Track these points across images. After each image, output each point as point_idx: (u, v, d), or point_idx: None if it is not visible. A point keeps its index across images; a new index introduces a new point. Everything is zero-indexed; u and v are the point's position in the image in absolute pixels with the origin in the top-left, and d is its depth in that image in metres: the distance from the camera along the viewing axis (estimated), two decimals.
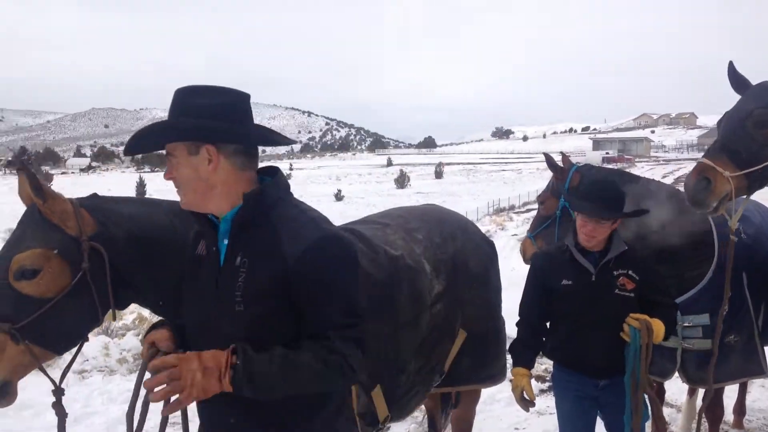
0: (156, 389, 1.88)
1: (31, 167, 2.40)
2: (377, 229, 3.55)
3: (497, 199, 38.40)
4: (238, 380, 1.92)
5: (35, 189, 2.33)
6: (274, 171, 2.23)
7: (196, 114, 2.03)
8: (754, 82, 3.52)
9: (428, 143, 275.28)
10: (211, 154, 2.04)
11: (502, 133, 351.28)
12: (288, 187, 2.20)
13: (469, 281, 3.74)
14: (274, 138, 2.19)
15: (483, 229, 23.28)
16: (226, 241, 2.11)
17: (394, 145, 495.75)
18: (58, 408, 2.40)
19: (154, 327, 2.30)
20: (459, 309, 3.68)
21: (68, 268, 2.34)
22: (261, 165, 2.25)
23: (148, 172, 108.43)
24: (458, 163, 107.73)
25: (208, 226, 2.17)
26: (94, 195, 2.64)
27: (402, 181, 58.02)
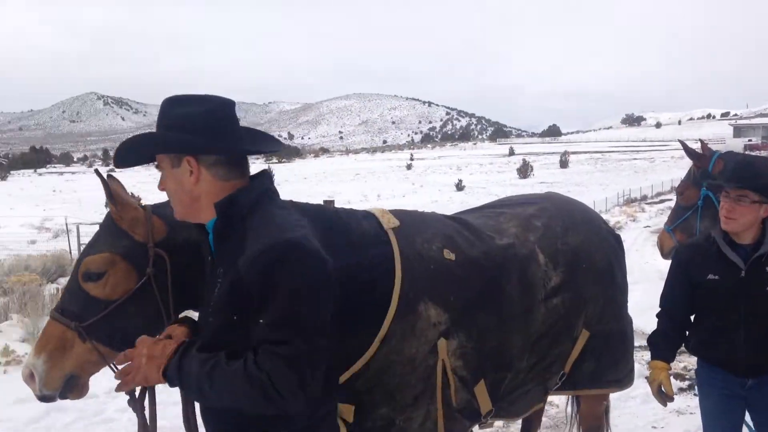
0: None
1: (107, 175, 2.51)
2: (489, 216, 3.42)
3: (628, 189, 36.80)
4: (169, 373, 1.94)
5: (108, 195, 2.39)
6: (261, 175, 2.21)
7: (178, 125, 2.01)
8: None
9: (553, 131, 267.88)
10: (191, 166, 2.02)
11: (632, 120, 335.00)
12: (267, 191, 2.14)
13: (592, 277, 3.48)
14: (257, 147, 2.16)
15: (612, 221, 22.48)
16: None
17: (517, 134, 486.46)
18: (140, 414, 2.40)
19: (176, 322, 2.34)
20: (581, 306, 3.42)
21: (134, 272, 2.38)
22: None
23: (276, 163, 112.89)
24: (585, 152, 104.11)
25: (205, 236, 2.17)
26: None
27: (524, 170, 56.86)
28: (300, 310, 1.89)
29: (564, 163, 71.00)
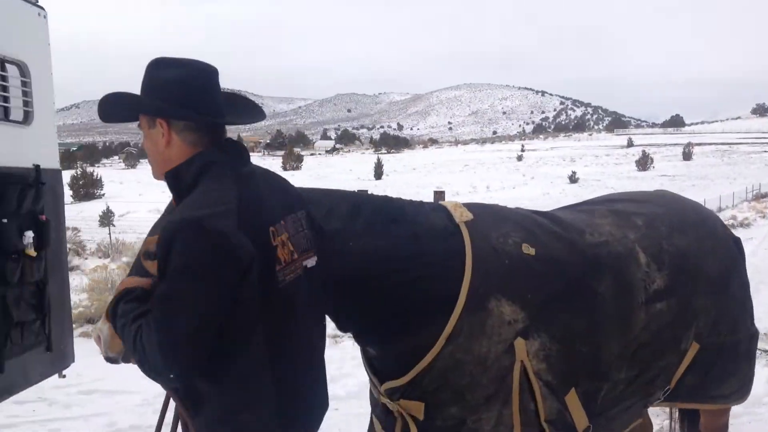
0: None
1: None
2: (584, 212, 3.24)
3: (757, 184, 34.42)
4: (110, 317, 2.04)
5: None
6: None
7: (156, 87, 2.02)
8: None
9: (675, 122, 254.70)
10: (163, 128, 2.04)
11: (764, 110, 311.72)
12: (210, 163, 2.03)
13: (704, 283, 3.16)
14: (232, 118, 2.13)
15: (740, 217, 21.44)
16: None
17: (636, 124, 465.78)
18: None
19: None
20: (690, 315, 3.12)
21: None
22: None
23: (385, 153, 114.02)
24: (710, 144, 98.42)
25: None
26: None
27: (644, 162, 54.57)
28: (180, 289, 1.86)
29: (687, 155, 67.47)
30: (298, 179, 2.93)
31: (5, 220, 4.30)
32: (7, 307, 4.43)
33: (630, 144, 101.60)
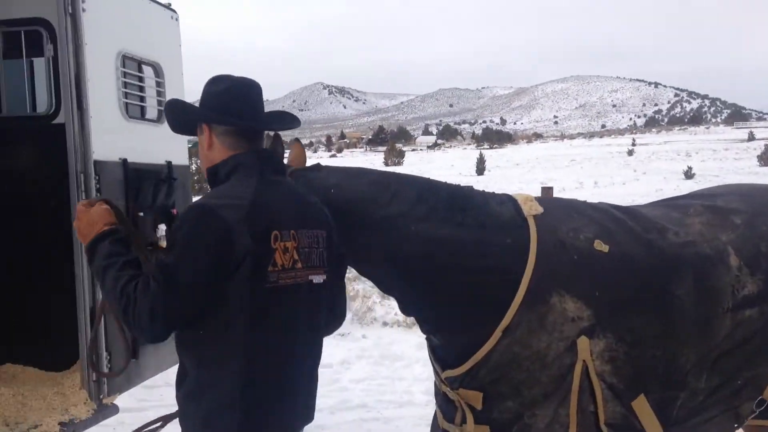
0: None
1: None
2: (677, 208, 3.03)
3: None
4: (86, 250, 2.26)
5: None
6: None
7: (204, 99, 2.34)
8: None
9: None
10: (205, 133, 2.32)
11: None
12: (239, 165, 2.28)
13: None
14: (267, 125, 2.42)
15: None
16: None
17: (757, 116, 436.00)
18: None
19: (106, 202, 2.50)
20: None
21: None
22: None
23: (487, 148, 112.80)
24: None
25: None
26: (317, 165, 2.92)
27: (767, 157, 50.76)
28: (172, 258, 2.09)
29: None
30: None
31: (142, 214, 4.54)
32: None
33: (751, 138, 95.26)
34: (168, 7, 4.99)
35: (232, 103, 2.31)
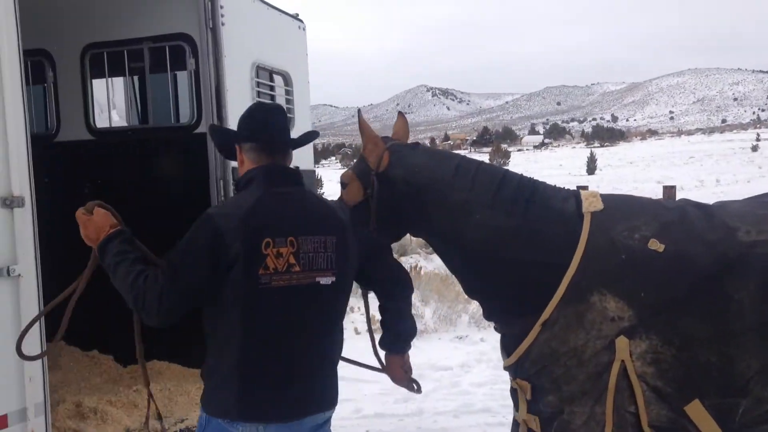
0: None
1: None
2: (759, 206, 2.83)
3: None
4: (98, 250, 2.53)
5: (360, 132, 3.09)
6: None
7: (238, 123, 2.73)
8: None
9: None
10: (237, 150, 2.71)
11: None
12: (251, 179, 2.59)
13: None
14: (286, 141, 2.72)
15: None
16: None
17: None
18: None
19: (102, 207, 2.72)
20: None
21: (361, 188, 3.01)
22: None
23: (598, 147, 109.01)
24: None
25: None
26: (415, 143, 3.15)
27: None
28: (177, 257, 2.45)
29: None
30: None
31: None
32: None
33: None
34: (296, 17, 5.16)
35: (253, 125, 2.68)
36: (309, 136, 3.02)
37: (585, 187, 8.42)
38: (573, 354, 2.62)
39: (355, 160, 3.17)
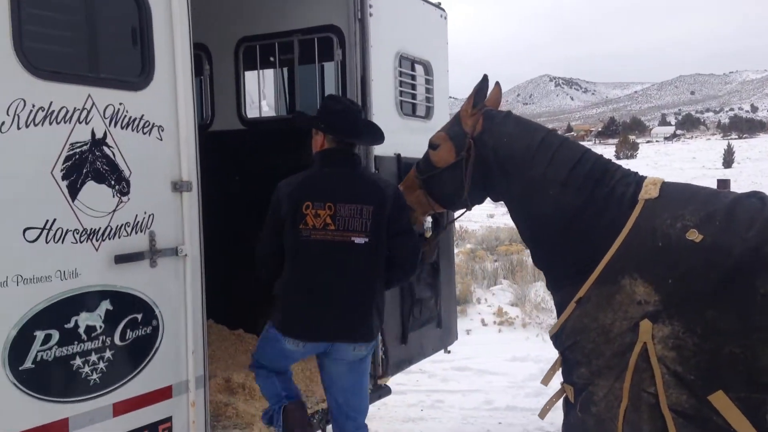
0: None
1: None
2: None
3: None
4: None
5: (475, 94, 3.29)
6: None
7: (319, 110, 3.57)
8: None
9: None
10: (316, 133, 3.49)
11: None
12: (315, 159, 3.47)
13: None
14: (355, 135, 3.48)
15: None
16: None
17: None
18: None
19: None
20: None
21: (454, 151, 3.30)
22: None
23: (736, 138, 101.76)
24: None
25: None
26: (508, 112, 3.34)
27: None
28: (267, 223, 3.44)
29: None
30: (632, 168, 3.14)
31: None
32: (411, 284, 4.92)
33: None
34: (438, 6, 5.15)
35: (332, 116, 3.41)
36: (375, 140, 3.66)
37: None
38: (601, 331, 2.79)
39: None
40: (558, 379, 3.18)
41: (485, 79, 3.27)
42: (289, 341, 3.33)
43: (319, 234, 3.24)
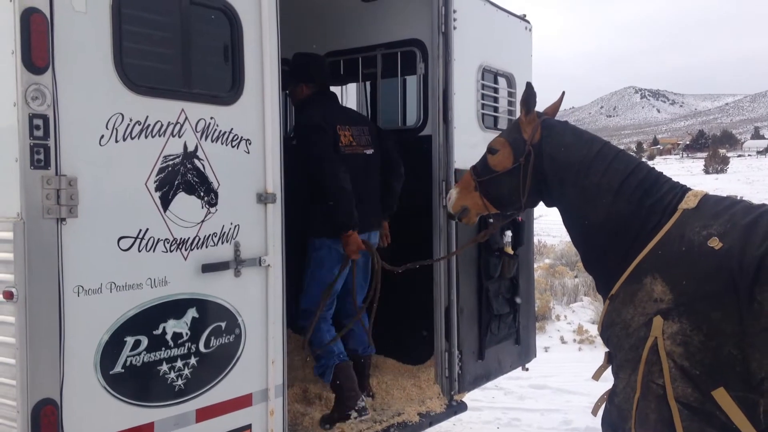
0: None
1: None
2: None
3: None
4: None
5: (524, 103, 3.41)
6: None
7: (299, 66, 4.51)
8: None
9: None
10: (300, 87, 4.45)
11: None
12: (317, 100, 4.40)
13: None
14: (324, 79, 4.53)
15: None
16: None
17: None
18: None
19: None
20: None
21: (512, 156, 3.40)
22: None
23: None
24: None
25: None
26: (565, 122, 3.46)
27: None
28: (311, 140, 4.13)
29: None
30: (721, 183, 2.97)
31: (491, 220, 4.68)
32: (489, 299, 4.84)
33: None
34: (523, 18, 5.09)
35: (311, 70, 4.42)
36: (336, 79, 5.09)
37: None
38: (623, 326, 3.01)
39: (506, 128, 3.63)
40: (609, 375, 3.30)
41: (529, 86, 3.44)
42: (334, 242, 4.16)
43: (348, 149, 4.19)
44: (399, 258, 5.00)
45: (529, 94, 3.41)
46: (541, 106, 3.47)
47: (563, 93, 3.66)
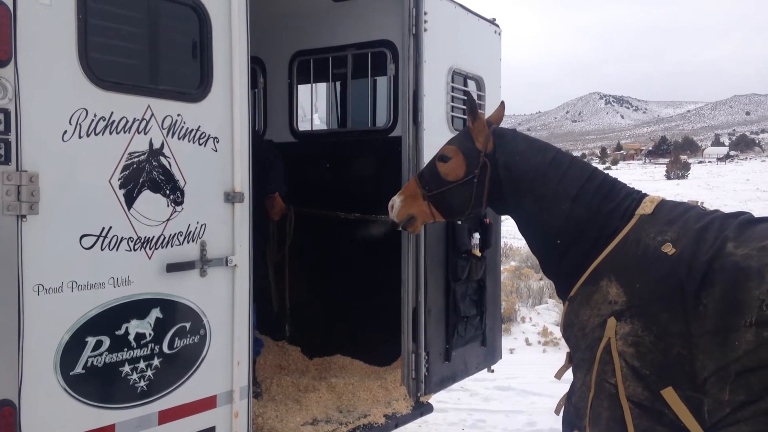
0: None
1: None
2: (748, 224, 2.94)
3: None
4: None
5: (470, 111, 3.39)
6: None
7: None
8: None
9: None
10: None
11: None
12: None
13: None
14: None
15: None
16: None
17: None
18: None
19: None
20: None
21: (465, 165, 3.37)
22: None
23: None
24: None
25: None
26: (512, 129, 3.49)
27: None
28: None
29: None
30: (682, 189, 3.05)
31: (460, 222, 4.69)
32: (456, 301, 4.86)
33: None
34: (492, 22, 5.12)
35: None
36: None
37: None
38: (580, 326, 3.10)
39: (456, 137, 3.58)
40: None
41: (469, 95, 3.54)
42: None
43: None
44: (368, 259, 5.00)
45: (472, 101, 3.44)
46: (509, 110, 3.51)
47: (503, 102, 3.74)
